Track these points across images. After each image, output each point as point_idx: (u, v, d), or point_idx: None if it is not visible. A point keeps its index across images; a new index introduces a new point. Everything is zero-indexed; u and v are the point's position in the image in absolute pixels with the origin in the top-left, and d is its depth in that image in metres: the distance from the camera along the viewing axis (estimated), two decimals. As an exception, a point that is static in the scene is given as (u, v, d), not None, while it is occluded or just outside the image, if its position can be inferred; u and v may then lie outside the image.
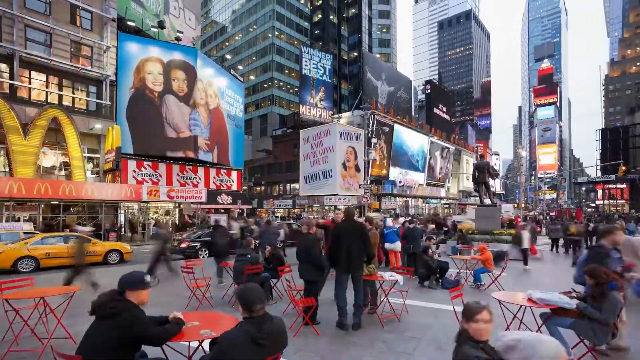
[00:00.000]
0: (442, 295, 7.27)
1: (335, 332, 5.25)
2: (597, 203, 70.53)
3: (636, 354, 4.52)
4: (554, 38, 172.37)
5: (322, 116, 42.39)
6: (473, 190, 17.03)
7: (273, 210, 45.23)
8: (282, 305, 6.56)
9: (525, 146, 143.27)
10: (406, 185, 45.49)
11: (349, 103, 63.07)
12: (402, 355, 4.48)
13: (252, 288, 2.45)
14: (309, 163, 39.24)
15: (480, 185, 15.46)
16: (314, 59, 42.37)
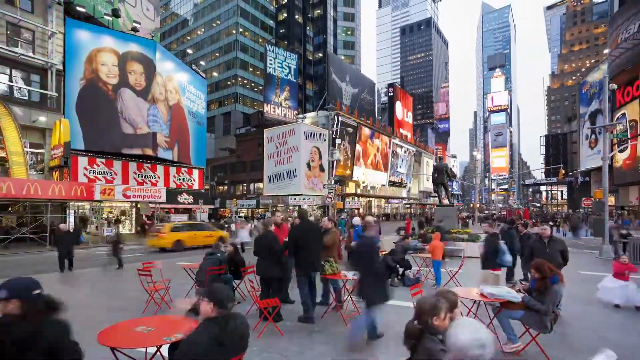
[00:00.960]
0: (404, 293, 7.50)
1: (299, 331, 5.24)
2: (541, 203, 76.32)
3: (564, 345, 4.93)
4: (504, 49, 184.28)
5: (287, 116, 42.19)
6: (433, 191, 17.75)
7: (236, 210, 44.32)
8: (245, 306, 6.44)
9: (480, 149, 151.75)
10: (369, 186, 46.47)
11: (314, 103, 63.32)
12: (365, 352, 4.57)
13: (223, 286, 2.44)
14: (274, 162, 38.90)
15: (439, 186, 16.15)
16: (279, 58, 42.06)
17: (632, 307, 6.60)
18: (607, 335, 5.20)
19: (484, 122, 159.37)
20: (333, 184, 27.31)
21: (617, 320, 6.03)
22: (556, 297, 4.32)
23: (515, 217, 33.96)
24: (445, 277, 8.86)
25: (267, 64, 41.09)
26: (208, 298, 2.30)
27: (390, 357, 4.44)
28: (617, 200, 42.56)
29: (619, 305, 6.53)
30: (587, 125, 51.61)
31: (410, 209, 62.25)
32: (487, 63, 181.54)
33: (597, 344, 4.86)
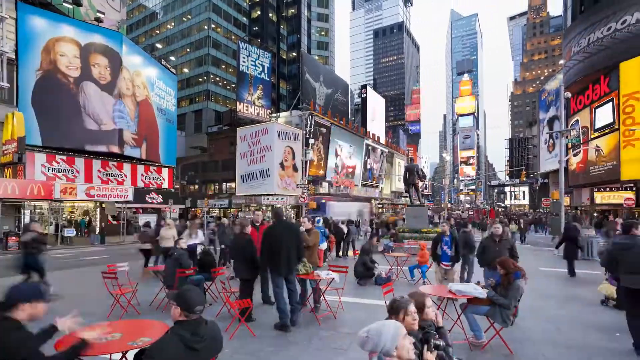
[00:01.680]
0: (376, 291, 7.65)
1: (272, 332, 5.21)
2: (506, 204, 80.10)
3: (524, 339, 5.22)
4: (472, 56, 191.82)
5: (260, 114, 41.72)
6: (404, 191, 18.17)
7: (208, 210, 43.36)
8: (216, 308, 6.32)
9: (449, 151, 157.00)
10: (342, 186, 46.88)
11: (287, 103, 63.01)
12: (337, 351, 4.62)
13: (193, 289, 2.34)
14: (246, 162, 38.37)
15: (410, 186, 16.57)
16: (252, 56, 41.49)
17: (587, 301, 7.08)
18: (561, 327, 5.55)
19: (452, 124, 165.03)
20: (306, 184, 27.31)
21: (573, 312, 6.44)
22: (518, 292, 4.57)
23: (482, 216, 35.36)
24: (416, 275, 9.12)
25: (240, 61, 40.41)
26: (176, 302, 2.23)
27: (362, 353, 4.51)
28: (571, 200, 45.42)
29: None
30: (545, 130, 54.74)
31: (382, 208, 63.41)
32: (456, 68, 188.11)
33: (554, 336, 5.18)
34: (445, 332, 2.66)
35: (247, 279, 5.70)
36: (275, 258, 5.32)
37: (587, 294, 7.70)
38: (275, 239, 5.34)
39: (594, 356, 4.45)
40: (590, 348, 4.71)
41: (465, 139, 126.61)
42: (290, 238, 5.37)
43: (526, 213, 51.53)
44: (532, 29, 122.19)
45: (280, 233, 5.38)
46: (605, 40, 38.34)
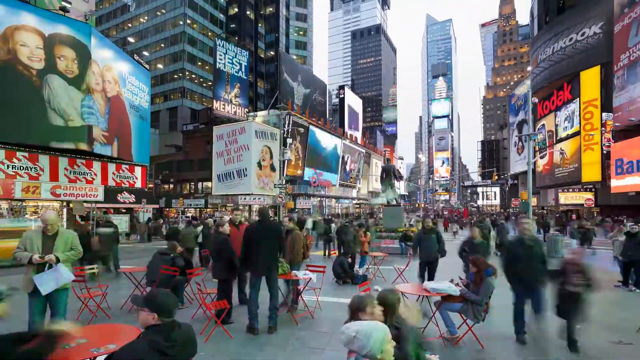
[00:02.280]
0: (353, 291, 7.71)
1: (249, 334, 5.15)
2: (478, 204, 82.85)
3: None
4: (446, 59, 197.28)
5: (237, 113, 41.15)
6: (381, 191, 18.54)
7: (183, 210, 42.29)
8: (192, 310, 6.18)
9: (424, 152, 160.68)
10: (320, 186, 46.98)
11: (265, 102, 62.45)
12: (315, 351, 4.63)
13: (164, 292, 2.23)
14: (223, 161, 37.74)
15: (387, 186, 16.83)
16: (230, 54, 40.85)
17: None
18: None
19: (428, 126, 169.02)
20: (284, 184, 27.17)
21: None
22: (489, 289, 4.75)
23: (456, 216, 36.38)
24: (393, 274, 9.28)
25: (216, 59, 39.67)
26: (148, 306, 2.10)
27: (341, 352, 4.54)
28: (539, 201, 47.63)
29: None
30: (515, 133, 57.16)
31: (360, 208, 64.04)
32: (431, 71, 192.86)
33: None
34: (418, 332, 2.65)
35: (225, 280, 5.59)
36: (252, 257, 5.24)
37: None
38: (255, 238, 5.25)
39: (557, 348, 4.69)
40: (554, 340, 4.95)
41: (440, 140, 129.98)
42: (271, 238, 5.27)
43: (497, 213, 53.48)
44: (502, 37, 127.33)
45: (260, 232, 5.28)
46: (568, 50, 40.55)
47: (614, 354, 4.60)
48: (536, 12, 49.81)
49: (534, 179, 25.57)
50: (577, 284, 4.45)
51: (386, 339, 1.93)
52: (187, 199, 43.34)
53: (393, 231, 15.18)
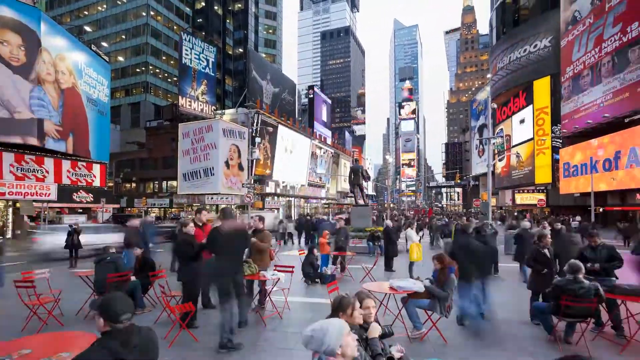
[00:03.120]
0: (322, 290, 7.74)
1: (215, 337, 5.01)
2: (443, 204, 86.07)
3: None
4: (413, 63, 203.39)
5: (204, 111, 40.04)
6: (349, 192, 18.84)
7: (146, 210, 40.54)
8: (156, 313, 5.92)
9: (392, 153, 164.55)
10: (289, 185, 46.78)
11: (233, 100, 61.27)
12: (283, 351, 4.59)
13: (116, 296, 2.12)
14: (189, 159, 36.56)
15: (355, 186, 17.03)
16: (196, 49, 39.64)
17: (513, 292, 7.86)
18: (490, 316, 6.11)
19: (395, 128, 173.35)
20: (252, 183, 26.80)
21: (500, 302, 7.12)
22: (453, 285, 4.95)
23: (422, 215, 37.57)
24: (361, 273, 9.42)
25: (182, 53, 38.35)
26: (99, 312, 2.02)
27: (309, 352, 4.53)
28: (497, 201, 50.33)
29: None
30: (476, 136, 60.05)
31: (328, 208, 64.44)
32: (399, 74, 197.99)
33: (489, 326, 5.67)
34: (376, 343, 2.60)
35: (191, 282, 5.42)
36: (218, 259, 5.11)
37: (514, 285, 8.57)
38: (219, 239, 5.12)
39: (517, 339, 4.97)
40: (514, 332, 5.26)
41: (406, 142, 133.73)
42: (237, 239, 5.16)
43: (460, 213, 55.82)
44: (464, 44, 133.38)
45: (226, 233, 5.15)
46: (523, 60, 43.24)
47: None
48: (495, 23, 52.60)
49: (493, 180, 27.02)
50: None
51: (343, 332, 1.94)
52: (150, 199, 41.58)
53: (361, 231, 15.40)
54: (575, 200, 33.13)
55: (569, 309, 4.56)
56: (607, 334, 5.08)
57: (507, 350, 4.61)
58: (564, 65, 34.68)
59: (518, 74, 44.08)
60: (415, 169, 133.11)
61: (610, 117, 28.17)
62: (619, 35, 27.45)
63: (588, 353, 4.43)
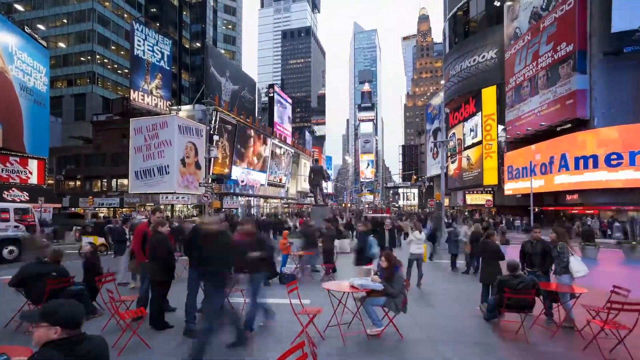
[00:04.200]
0: (280, 291, 7.70)
1: (168, 343, 4.80)
2: (400, 204, 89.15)
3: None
4: (372, 67, 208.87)
5: (159, 106, 38.13)
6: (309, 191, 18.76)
7: (94, 210, 37.76)
8: (103, 320, 5.53)
9: (351, 154, 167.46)
10: (248, 185, 45.95)
11: (190, 96, 58.96)
12: (236, 354, 4.51)
13: (66, 302, 1.96)
14: (142, 157, 34.61)
15: (315, 186, 17.17)
16: (150, 40, 37.60)
17: (464, 288, 8.33)
18: (443, 311, 6.44)
19: (355, 129, 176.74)
20: (210, 183, 25.97)
21: (452, 297, 7.53)
22: (402, 282, 5.17)
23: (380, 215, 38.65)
24: (321, 273, 9.50)
25: (134, 44, 36.15)
26: (49, 320, 1.83)
27: (268, 353, 4.49)
28: (450, 201, 53.15)
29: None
30: (431, 139, 62.97)
31: (288, 208, 64.20)
32: (358, 77, 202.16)
33: (436, 320, 5.98)
34: None
35: (162, 281, 5.32)
36: (191, 259, 5.16)
37: (463, 281, 9.10)
38: (194, 239, 5.08)
39: (470, 331, 5.29)
40: (464, 324, 5.59)
41: (365, 143, 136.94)
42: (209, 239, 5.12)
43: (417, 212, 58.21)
44: (420, 51, 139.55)
45: (199, 233, 5.15)
46: (472, 69, 46.12)
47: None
48: (447, 33, 55.55)
49: (446, 181, 28.51)
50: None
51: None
52: (98, 198, 38.74)
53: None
54: (518, 201, 35.87)
55: (509, 301, 5.00)
56: (540, 321, 5.57)
57: (461, 343, 4.89)
58: (508, 76, 37.49)
59: (468, 82, 46.91)
60: (374, 170, 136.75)
61: (545, 125, 30.91)
62: (551, 52, 30.26)
63: (526, 340, 4.83)
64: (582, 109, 27.50)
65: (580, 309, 5.25)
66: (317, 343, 4.52)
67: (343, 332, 4.92)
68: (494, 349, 4.67)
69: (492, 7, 43.09)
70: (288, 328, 5.25)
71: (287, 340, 4.72)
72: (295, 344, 2.66)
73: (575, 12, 27.74)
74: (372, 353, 4.54)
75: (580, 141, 27.97)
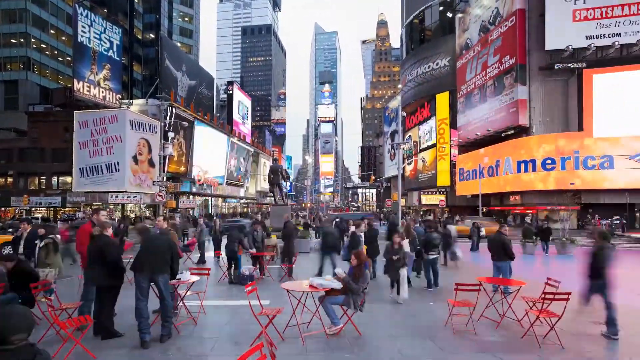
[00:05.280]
0: (239, 292, 7.56)
1: (117, 350, 4.52)
2: (359, 204, 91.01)
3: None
4: (332, 68, 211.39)
5: (108, 99, 35.69)
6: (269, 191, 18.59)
7: (30, 210, 34.48)
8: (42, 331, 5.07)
9: (311, 154, 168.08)
10: (206, 184, 44.48)
11: (143, 89, 55.81)
12: (198, 358, 4.38)
13: (7, 312, 1.78)
14: (88, 152, 32.17)
15: (274, 186, 17.03)
16: (97, 27, 35.03)
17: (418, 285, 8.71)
18: (400, 308, 6.70)
19: (315, 129, 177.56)
20: (164, 181, 24.78)
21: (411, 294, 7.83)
22: (367, 280, 5.30)
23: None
24: (280, 273, 9.45)
25: (78, 30, 33.42)
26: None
27: (226, 357, 4.40)
28: (407, 201, 55.25)
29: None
30: (388, 141, 65.08)
31: (247, 208, 63.03)
32: (319, 77, 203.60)
33: (394, 316, 6.19)
34: None
35: (109, 286, 4.95)
36: (137, 260, 4.84)
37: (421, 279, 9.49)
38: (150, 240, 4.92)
39: (422, 324, 5.55)
40: (420, 320, 5.85)
41: (325, 143, 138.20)
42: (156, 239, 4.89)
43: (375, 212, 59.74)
44: (379, 55, 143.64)
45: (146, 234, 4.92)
46: (427, 75, 48.42)
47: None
48: (404, 39, 57.79)
49: (403, 182, 29.56)
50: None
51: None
52: (35, 197, 35.33)
53: (280, 230, 15.43)
54: (468, 201, 38.19)
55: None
56: (486, 313, 5.99)
57: (416, 338, 5.10)
58: (459, 83, 39.79)
59: (424, 87, 49.10)
60: (334, 170, 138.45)
61: (492, 131, 33.25)
62: (497, 64, 32.70)
63: (474, 332, 5.16)
64: (523, 117, 29.97)
65: (519, 301, 5.71)
66: (277, 344, 4.50)
67: (303, 331, 4.94)
68: (445, 340, 4.94)
69: (445, 17, 45.52)
70: (247, 330, 5.17)
71: (246, 342, 4.65)
72: (254, 346, 2.63)
73: (516, 29, 30.20)
74: (332, 351, 4.61)
75: (521, 146, 30.45)
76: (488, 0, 34.97)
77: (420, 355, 4.52)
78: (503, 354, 4.48)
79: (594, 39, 27.82)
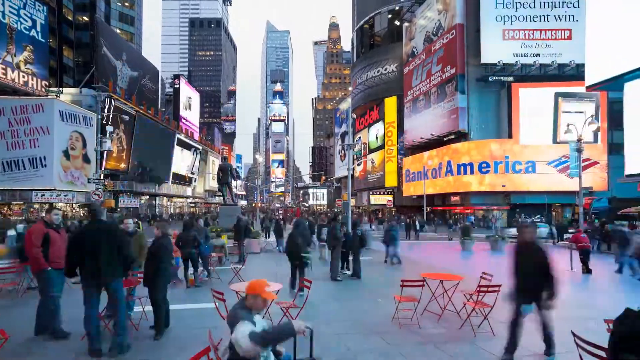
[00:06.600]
0: (186, 296, 7.22)
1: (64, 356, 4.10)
2: (310, 203, 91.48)
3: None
4: (284, 67, 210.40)
5: (31, 85, 32.08)
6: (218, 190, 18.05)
7: None
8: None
9: (262, 153, 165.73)
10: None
11: (76, 77, 50.83)
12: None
13: None
14: (5, 145, 28.61)
15: (223, 185, 16.52)
16: (15, 2, 31.31)
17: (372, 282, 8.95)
18: (347, 305, 6.83)
19: (266, 128, 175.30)
20: (102, 179, 22.86)
21: (357, 293, 8.02)
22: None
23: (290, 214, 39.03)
24: (230, 274, 9.19)
25: (-9, 4, 29.66)
26: None
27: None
28: (357, 201, 56.71)
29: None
30: (339, 142, 66.34)
31: (195, 207, 60.40)
32: (270, 76, 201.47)
33: (345, 314, 6.31)
34: None
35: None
36: (81, 264, 4.33)
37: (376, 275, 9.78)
38: (82, 240, 4.34)
39: (368, 320, 5.73)
40: (366, 316, 6.04)
41: (276, 143, 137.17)
42: (102, 239, 4.36)
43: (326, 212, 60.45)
44: (330, 57, 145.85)
45: (89, 233, 4.39)
46: (376, 79, 50.27)
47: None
48: (355, 43, 59.38)
49: (353, 182, 30.42)
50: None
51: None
52: None
53: (230, 230, 15.01)
54: (413, 202, 40.25)
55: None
56: (429, 307, 6.36)
57: (362, 334, 5.26)
58: (406, 89, 41.84)
59: (373, 90, 50.84)
60: (285, 170, 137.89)
61: (435, 135, 35.45)
62: (440, 73, 35.01)
63: (418, 325, 5.46)
64: (462, 123, 32.38)
65: (458, 294, 6.15)
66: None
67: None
68: (390, 334, 5.15)
69: (393, 25, 47.63)
70: (193, 334, 4.95)
71: (192, 347, 4.45)
72: (201, 350, 2.54)
73: (456, 41, 32.63)
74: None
75: (460, 151, 32.83)
76: (432, 13, 37.21)
77: (367, 350, 4.67)
78: (443, 344, 4.78)
79: (520, 57, 31.22)
